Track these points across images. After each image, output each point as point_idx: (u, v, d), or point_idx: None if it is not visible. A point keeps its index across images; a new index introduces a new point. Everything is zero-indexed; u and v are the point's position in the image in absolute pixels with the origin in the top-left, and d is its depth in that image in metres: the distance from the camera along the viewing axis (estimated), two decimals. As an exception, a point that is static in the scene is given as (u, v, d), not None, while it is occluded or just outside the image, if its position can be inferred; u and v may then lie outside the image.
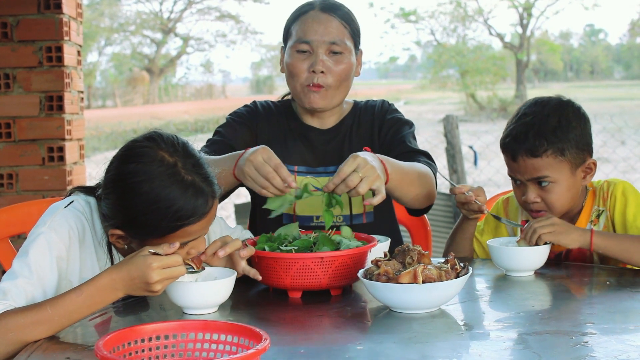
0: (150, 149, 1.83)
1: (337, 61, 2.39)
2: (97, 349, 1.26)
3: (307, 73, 2.39)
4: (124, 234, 1.86)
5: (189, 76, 51.87)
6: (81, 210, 1.94)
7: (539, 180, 2.25)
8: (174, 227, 1.80)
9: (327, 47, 2.38)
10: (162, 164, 1.80)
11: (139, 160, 1.82)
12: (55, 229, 1.87)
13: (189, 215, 1.79)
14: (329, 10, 2.41)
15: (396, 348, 1.53)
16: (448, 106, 29.98)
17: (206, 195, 1.82)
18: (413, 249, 1.82)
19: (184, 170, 1.81)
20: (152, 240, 1.81)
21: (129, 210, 1.81)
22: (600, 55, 65.25)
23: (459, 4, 31.76)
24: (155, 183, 1.78)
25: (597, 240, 2.13)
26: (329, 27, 2.39)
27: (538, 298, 1.96)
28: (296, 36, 2.41)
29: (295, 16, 2.45)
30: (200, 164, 1.85)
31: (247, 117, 2.54)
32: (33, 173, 3.72)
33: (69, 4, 3.78)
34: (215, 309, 1.84)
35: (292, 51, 2.41)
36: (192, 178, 1.81)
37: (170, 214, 1.78)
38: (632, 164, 10.87)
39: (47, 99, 3.70)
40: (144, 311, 1.88)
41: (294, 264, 1.89)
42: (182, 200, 1.78)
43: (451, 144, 6.75)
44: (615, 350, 1.49)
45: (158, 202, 1.78)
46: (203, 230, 1.87)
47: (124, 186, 1.82)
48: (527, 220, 2.41)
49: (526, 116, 2.27)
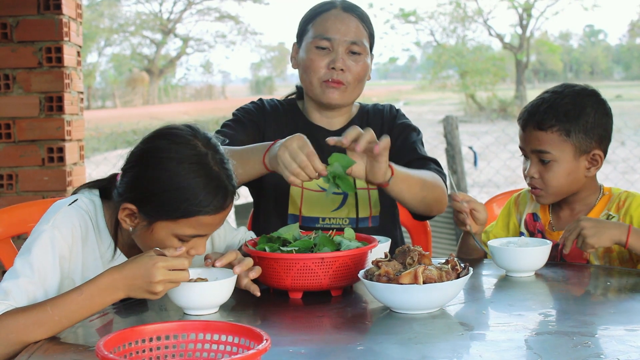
0: (187, 134, 1.85)
1: (356, 61, 2.41)
2: (97, 349, 1.26)
3: (326, 69, 2.40)
4: (136, 210, 1.83)
5: (189, 77, 51.89)
6: (85, 209, 1.93)
7: (540, 154, 2.28)
8: (190, 212, 1.79)
9: (347, 46, 2.40)
10: (194, 150, 1.82)
11: (173, 139, 1.84)
12: (58, 227, 1.86)
13: (206, 205, 1.80)
14: (350, 10, 2.43)
15: (396, 349, 1.53)
16: (448, 107, 29.97)
17: (227, 191, 1.84)
18: (414, 250, 1.82)
19: (213, 162, 1.83)
20: (162, 223, 1.81)
21: (150, 184, 1.81)
22: (600, 56, 65.24)
23: (459, 5, 31.76)
24: (184, 165, 1.80)
25: (633, 238, 2.11)
26: (350, 27, 2.41)
27: (539, 299, 1.96)
28: (316, 32, 2.41)
29: (316, 13, 2.46)
30: (227, 162, 1.87)
31: (255, 114, 2.53)
32: (33, 174, 3.72)
33: (68, 4, 3.78)
34: (216, 309, 1.84)
35: (311, 47, 2.42)
36: (218, 172, 1.83)
37: (190, 199, 1.78)
38: (632, 165, 10.87)
39: (46, 99, 3.70)
40: (145, 312, 1.87)
41: (295, 264, 1.89)
42: (205, 190, 1.79)
43: (451, 144, 6.75)
44: (616, 351, 1.49)
45: (182, 183, 1.78)
46: (214, 226, 1.86)
47: (151, 159, 1.83)
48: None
49: (547, 93, 2.35)
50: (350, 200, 2.44)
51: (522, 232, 2.44)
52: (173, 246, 1.80)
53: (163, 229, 1.82)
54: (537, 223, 2.41)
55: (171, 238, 1.83)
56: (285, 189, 2.44)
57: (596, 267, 2.27)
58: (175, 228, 1.81)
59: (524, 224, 2.44)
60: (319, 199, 2.43)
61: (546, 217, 2.40)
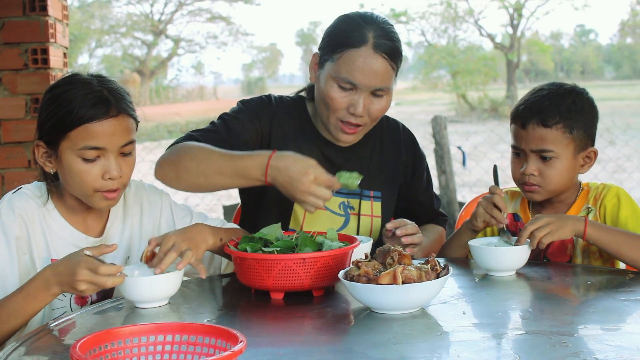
0: (83, 76, 2.04)
1: (378, 102, 2.30)
2: (72, 351, 1.26)
3: (345, 111, 2.29)
4: (43, 143, 2.01)
5: (180, 78, 51.66)
6: (30, 194, 2.05)
7: (542, 152, 2.28)
8: (74, 121, 1.94)
9: (372, 90, 2.28)
10: (79, 76, 2.03)
11: (67, 79, 2.04)
12: (5, 213, 1.97)
13: (87, 112, 1.95)
14: (381, 49, 2.25)
15: (375, 349, 1.53)
16: (439, 107, 29.99)
17: (108, 101, 1.98)
18: (394, 250, 1.82)
19: (96, 82, 2.01)
20: (63, 145, 1.96)
21: (44, 112, 2.01)
22: (590, 56, 65.38)
23: (450, 5, 31.76)
24: (67, 87, 2.00)
25: (590, 229, 2.14)
26: (378, 72, 2.26)
27: (519, 298, 1.97)
28: (341, 71, 2.26)
29: (345, 43, 2.27)
30: (118, 88, 2.03)
31: (260, 112, 2.41)
32: (19, 176, 3.71)
33: (54, 6, 3.77)
34: (166, 301, 1.89)
35: (333, 82, 2.28)
36: (100, 89, 1.99)
37: (72, 110, 1.94)
38: (621, 164, 10.90)
39: (32, 101, 3.69)
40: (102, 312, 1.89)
41: (276, 265, 1.89)
42: (85, 100, 1.96)
43: (440, 144, 6.76)
44: (594, 350, 1.50)
45: (64, 99, 1.97)
46: (108, 136, 1.97)
47: (46, 96, 2.04)
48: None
49: (543, 90, 2.34)
50: (352, 223, 2.44)
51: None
52: (82, 170, 1.97)
53: (66, 151, 1.97)
54: (518, 223, 2.42)
55: (77, 161, 1.97)
56: (290, 205, 2.39)
57: (577, 266, 2.28)
58: (72, 145, 1.96)
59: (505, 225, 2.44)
60: (321, 217, 2.41)
61: (527, 217, 2.41)
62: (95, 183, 1.98)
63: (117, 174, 1.98)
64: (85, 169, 1.97)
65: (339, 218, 2.43)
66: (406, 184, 2.56)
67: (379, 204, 2.48)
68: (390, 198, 2.52)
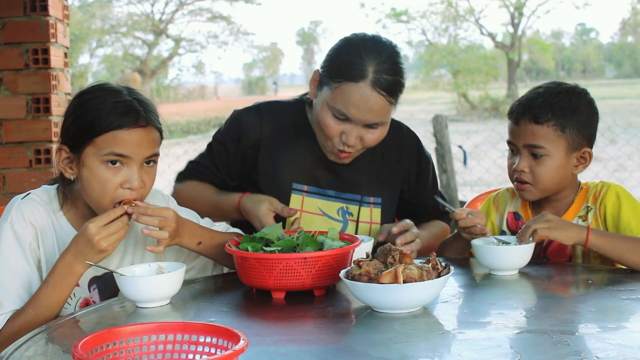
0: (112, 85, 2.04)
1: (372, 132, 2.28)
2: (74, 350, 1.26)
3: (339, 139, 2.27)
4: (67, 148, 1.98)
5: (181, 77, 51.75)
6: (39, 200, 2.03)
7: (533, 148, 2.28)
8: (103, 127, 1.93)
9: (366, 124, 2.25)
10: (109, 85, 2.03)
11: (97, 86, 2.03)
12: (17, 221, 1.97)
13: (116, 119, 1.93)
14: (380, 86, 2.19)
15: (376, 348, 1.53)
16: (440, 106, 30.00)
17: (138, 112, 1.96)
18: (395, 249, 1.82)
19: (126, 92, 2.00)
20: (87, 151, 1.94)
21: (67, 117, 2.00)
22: (591, 54, 65.41)
23: (450, 4, 31.77)
24: (97, 93, 1.99)
25: (592, 238, 2.13)
26: (373, 109, 2.21)
27: (519, 297, 1.97)
28: (336, 103, 2.22)
29: (344, 73, 2.21)
30: (147, 101, 2.02)
31: (241, 135, 2.43)
32: (20, 175, 3.72)
33: (55, 6, 3.78)
34: (167, 301, 1.90)
35: (328, 110, 2.25)
36: (130, 100, 1.98)
37: (101, 116, 1.93)
38: (622, 163, 10.90)
39: (33, 101, 3.70)
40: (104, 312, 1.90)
41: (278, 264, 1.89)
42: (114, 108, 1.94)
43: (440, 143, 6.77)
44: (595, 349, 1.50)
45: (94, 106, 1.95)
46: (135, 145, 1.95)
47: (74, 101, 2.02)
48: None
49: (540, 88, 2.36)
50: (349, 230, 2.43)
51: (504, 231, 2.44)
52: (104, 176, 1.93)
53: (89, 157, 1.94)
54: (519, 222, 2.42)
55: (101, 167, 1.94)
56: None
57: (578, 265, 2.28)
58: (98, 150, 1.94)
59: (506, 223, 2.45)
60: (318, 223, 2.41)
61: (528, 216, 2.41)
62: (115, 191, 1.95)
63: (139, 184, 1.96)
64: (107, 176, 1.94)
65: (336, 224, 2.42)
66: (410, 189, 2.55)
67: (379, 211, 2.47)
68: (391, 205, 2.51)
